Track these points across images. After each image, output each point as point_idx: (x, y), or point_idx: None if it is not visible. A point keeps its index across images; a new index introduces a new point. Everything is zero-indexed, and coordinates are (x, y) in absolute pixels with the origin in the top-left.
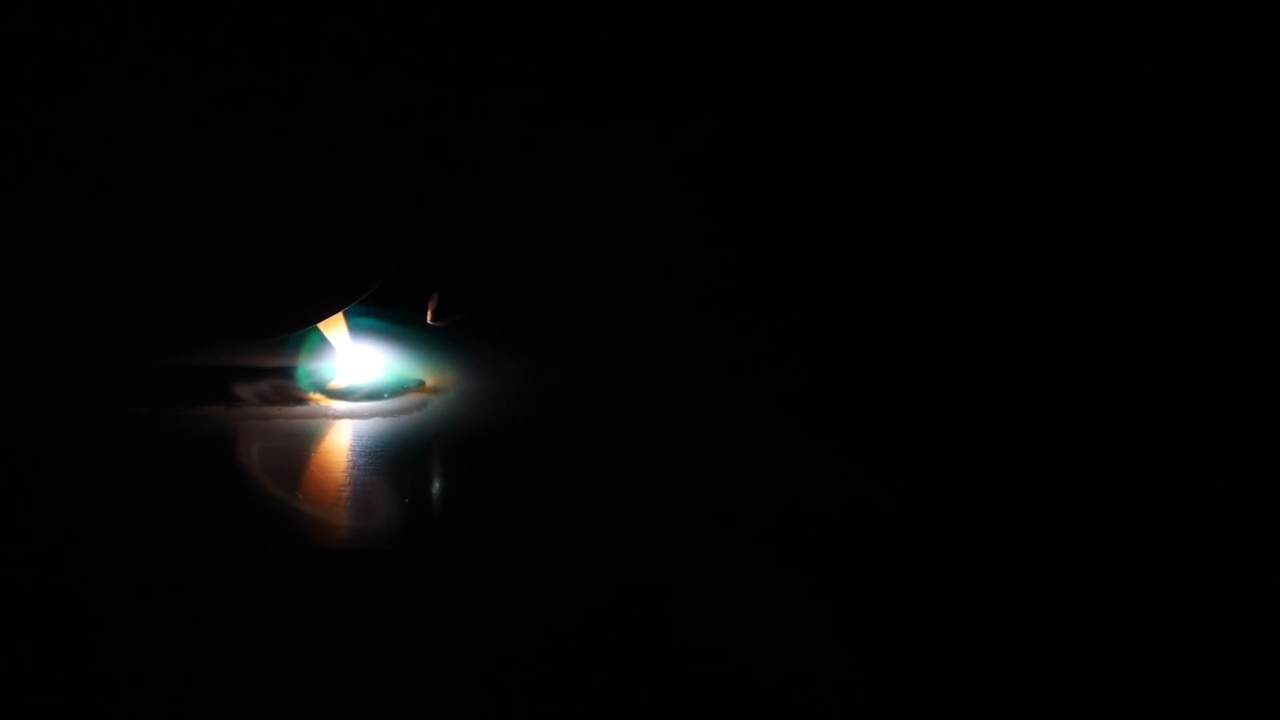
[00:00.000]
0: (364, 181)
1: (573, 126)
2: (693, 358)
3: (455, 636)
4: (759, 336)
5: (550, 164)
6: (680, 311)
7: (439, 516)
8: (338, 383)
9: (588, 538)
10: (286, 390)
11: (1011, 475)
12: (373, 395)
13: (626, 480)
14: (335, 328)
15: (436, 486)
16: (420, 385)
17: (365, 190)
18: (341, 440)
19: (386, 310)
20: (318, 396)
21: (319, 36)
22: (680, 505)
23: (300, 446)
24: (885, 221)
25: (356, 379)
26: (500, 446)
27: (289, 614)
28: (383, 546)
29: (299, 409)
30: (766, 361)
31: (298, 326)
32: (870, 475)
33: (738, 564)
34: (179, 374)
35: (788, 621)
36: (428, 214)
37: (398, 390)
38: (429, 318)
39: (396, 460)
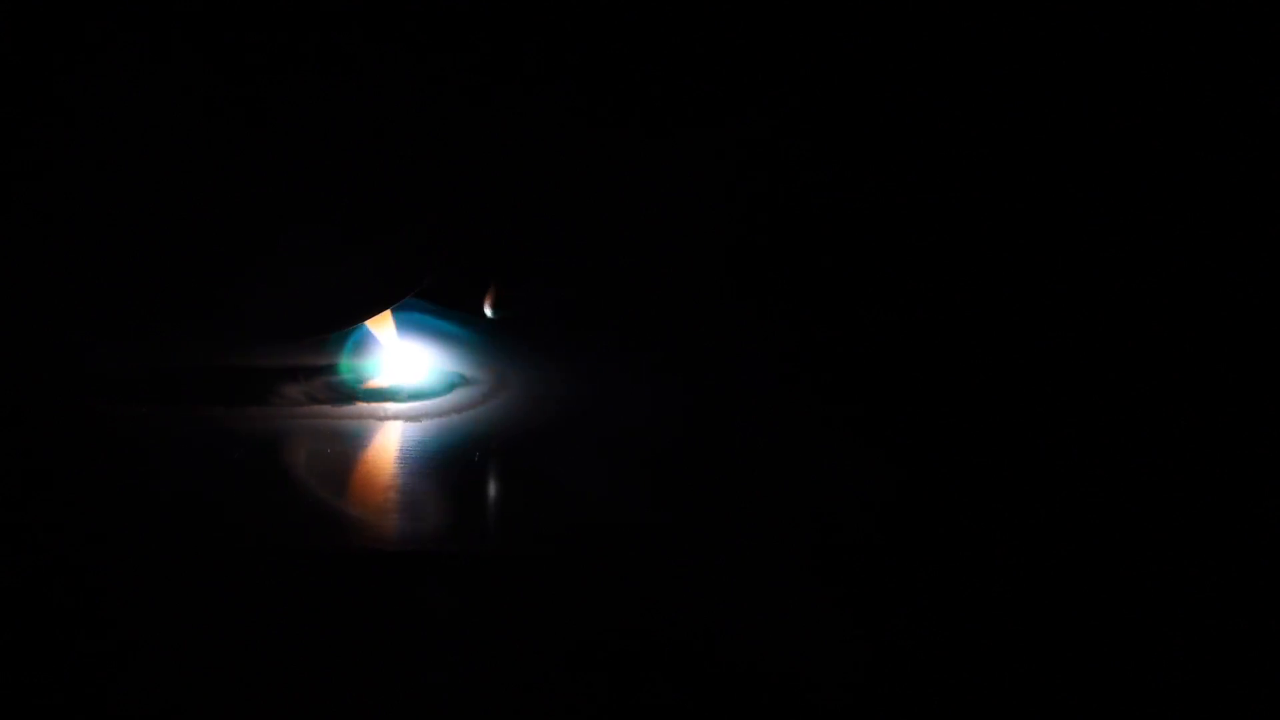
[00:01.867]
0: (406, 180)
1: (607, 126)
2: (739, 356)
3: (496, 638)
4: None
5: (584, 163)
6: (720, 309)
7: (484, 517)
8: (383, 381)
9: (630, 541)
10: (332, 389)
11: (1017, 473)
12: (418, 394)
13: (673, 482)
14: (383, 325)
15: (482, 487)
16: (463, 382)
17: (407, 188)
18: (386, 440)
19: (435, 307)
20: (364, 395)
21: (355, 40)
22: (727, 510)
23: (345, 446)
24: (900, 221)
25: (402, 377)
26: (547, 447)
27: (326, 614)
28: (426, 548)
29: (344, 408)
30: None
31: (343, 325)
32: (890, 469)
33: (776, 572)
34: (221, 373)
35: (817, 625)
36: (470, 212)
37: (443, 389)
38: (487, 309)
39: (441, 461)
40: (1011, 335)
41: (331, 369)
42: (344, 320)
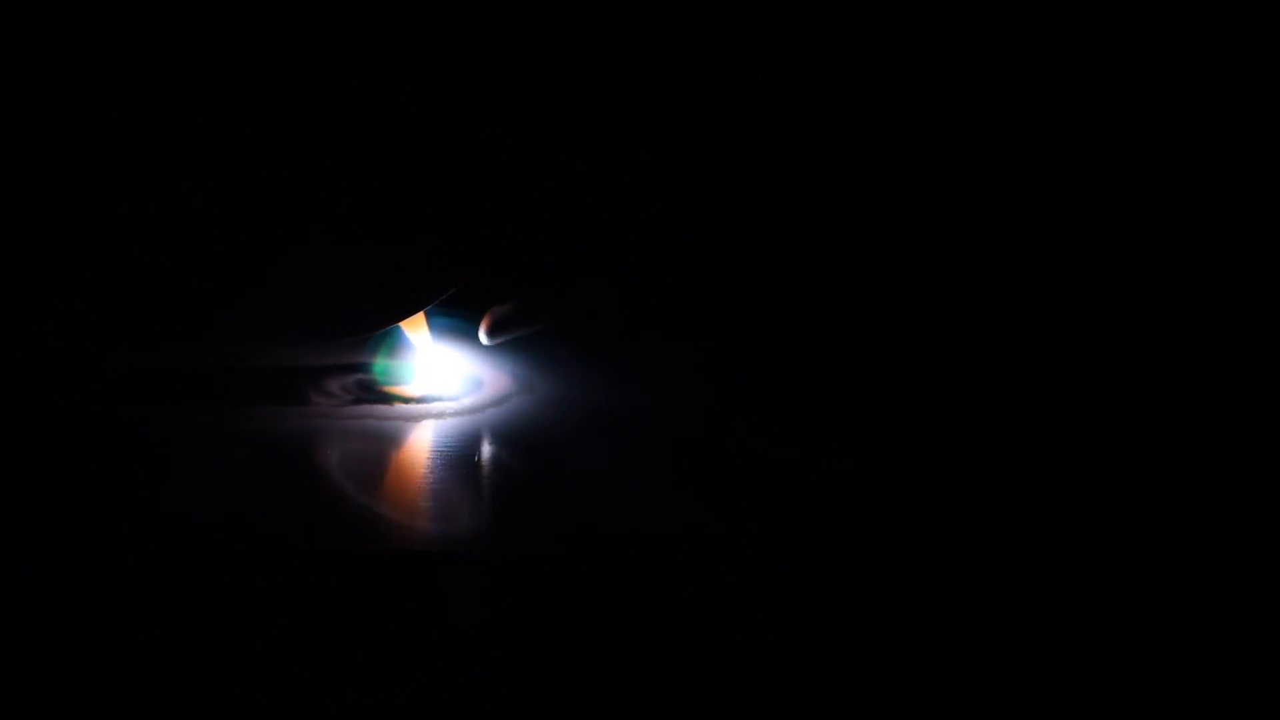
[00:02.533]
0: (437, 184)
1: (619, 138)
2: (746, 357)
3: (511, 637)
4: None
5: (594, 174)
6: (729, 315)
7: (508, 518)
8: (416, 383)
9: (644, 540)
10: (364, 390)
11: (1017, 473)
12: (449, 396)
13: (683, 481)
14: (417, 328)
15: (507, 488)
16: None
17: (440, 192)
18: (417, 440)
19: (464, 313)
20: (396, 396)
21: (384, 46)
22: (735, 510)
23: (375, 446)
24: (906, 226)
25: (435, 380)
26: (569, 447)
27: (339, 613)
28: (451, 548)
29: (375, 409)
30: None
31: (378, 326)
32: (900, 477)
33: (786, 573)
34: (254, 373)
35: (821, 623)
36: (486, 217)
37: (469, 390)
38: (483, 336)
39: (468, 461)
40: (1013, 335)
41: (357, 369)
42: (375, 323)
